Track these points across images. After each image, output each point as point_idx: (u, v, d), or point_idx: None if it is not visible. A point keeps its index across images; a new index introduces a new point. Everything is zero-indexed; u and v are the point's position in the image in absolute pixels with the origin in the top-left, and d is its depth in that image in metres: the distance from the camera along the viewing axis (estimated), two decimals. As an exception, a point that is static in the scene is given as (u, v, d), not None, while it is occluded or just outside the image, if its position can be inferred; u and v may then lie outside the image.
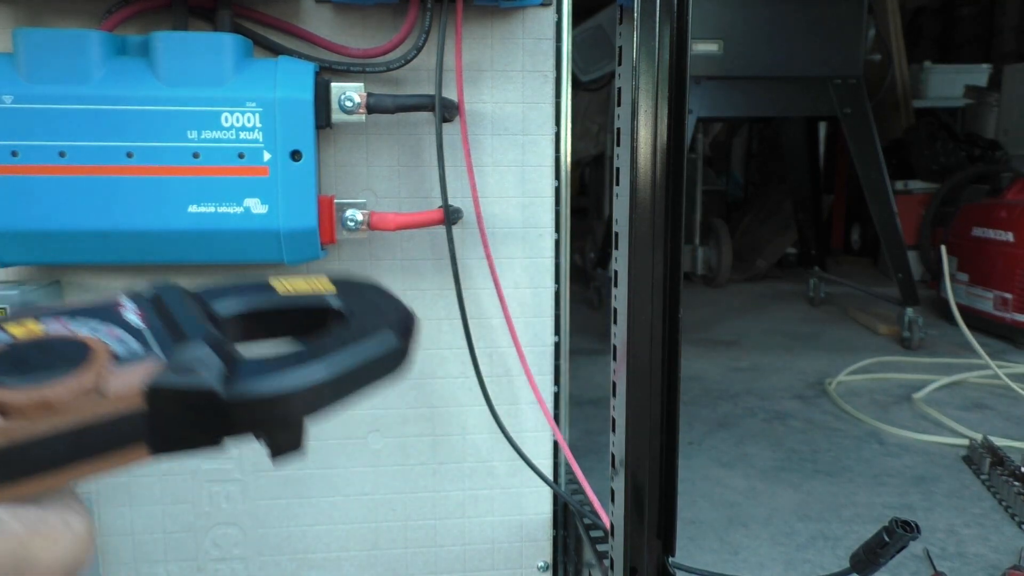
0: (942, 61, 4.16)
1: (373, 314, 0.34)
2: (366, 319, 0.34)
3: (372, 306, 0.35)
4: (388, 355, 0.32)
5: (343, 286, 0.37)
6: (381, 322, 0.33)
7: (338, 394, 0.31)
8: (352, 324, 0.33)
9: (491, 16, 0.90)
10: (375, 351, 0.32)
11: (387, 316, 0.34)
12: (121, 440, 0.27)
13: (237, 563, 0.96)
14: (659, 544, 0.66)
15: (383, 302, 0.36)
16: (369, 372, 0.32)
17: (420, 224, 0.87)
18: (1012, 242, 2.43)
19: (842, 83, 2.36)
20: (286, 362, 0.29)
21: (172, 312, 0.32)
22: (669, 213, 0.61)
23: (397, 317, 0.34)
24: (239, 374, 0.29)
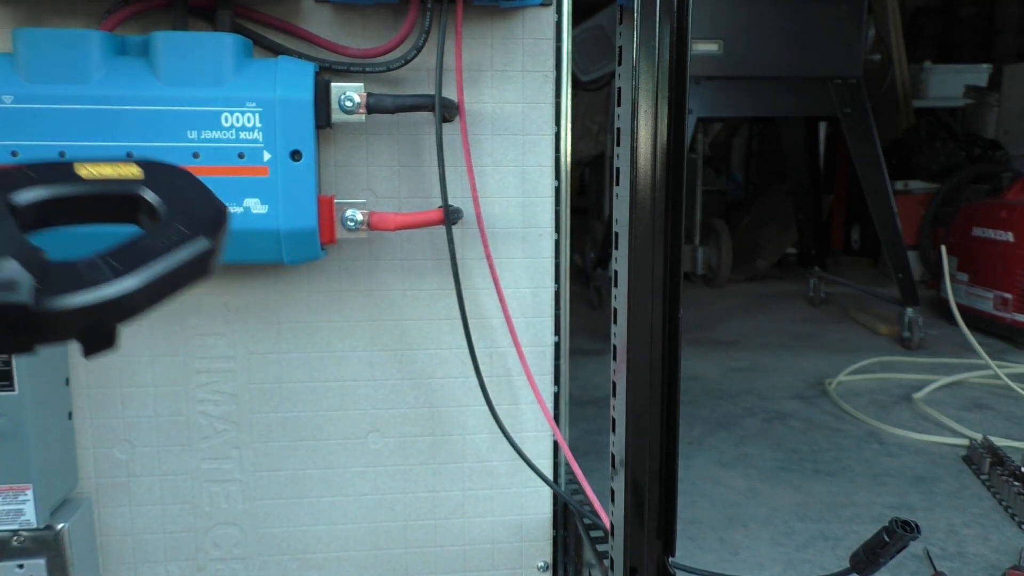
0: (942, 61, 4.16)
1: (184, 212, 0.34)
2: (177, 217, 0.33)
3: (183, 203, 0.35)
4: (200, 259, 0.32)
5: (152, 173, 0.36)
6: (193, 222, 0.33)
7: (151, 300, 0.31)
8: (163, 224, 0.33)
9: (491, 16, 0.90)
10: (187, 256, 0.32)
11: (199, 215, 0.34)
12: None
13: (237, 563, 0.96)
14: (659, 544, 0.66)
15: (195, 196, 0.35)
16: (181, 276, 0.32)
17: (420, 224, 0.87)
18: (1012, 242, 2.43)
19: (842, 83, 2.36)
20: (97, 271, 0.30)
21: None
22: (669, 213, 0.61)
23: (209, 215, 0.34)
24: (50, 286, 0.29)
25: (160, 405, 0.92)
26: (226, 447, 0.94)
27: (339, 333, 0.94)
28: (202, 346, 0.91)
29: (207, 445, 0.93)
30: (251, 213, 0.79)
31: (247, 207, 0.79)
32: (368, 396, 0.95)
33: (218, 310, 0.91)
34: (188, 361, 0.91)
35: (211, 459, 0.94)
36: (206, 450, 0.93)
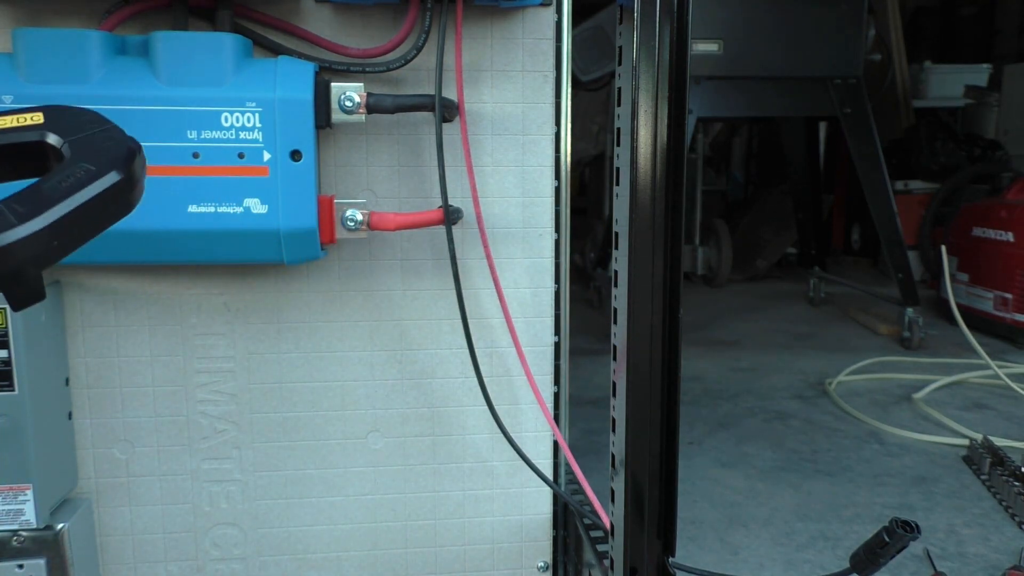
0: (942, 61, 4.16)
1: (91, 151, 0.33)
2: (84, 156, 0.32)
3: (89, 141, 0.33)
4: (111, 193, 0.31)
5: (54, 116, 0.35)
6: (101, 159, 0.32)
7: (63, 241, 0.29)
8: (68, 164, 0.32)
9: (491, 16, 0.90)
10: (96, 191, 0.30)
11: (107, 151, 0.32)
12: None
13: (237, 563, 0.96)
14: (659, 544, 0.66)
15: (102, 135, 0.34)
16: (93, 213, 0.30)
17: (420, 224, 0.87)
18: (1012, 242, 2.43)
19: (842, 83, 2.36)
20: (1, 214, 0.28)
21: None
22: (669, 213, 0.61)
23: (118, 151, 0.33)
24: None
25: (160, 405, 0.92)
26: (226, 447, 0.94)
27: (339, 333, 0.94)
28: (202, 346, 0.91)
29: (207, 445, 0.93)
30: (251, 213, 0.79)
31: (247, 207, 0.79)
32: (368, 396, 0.95)
33: (218, 310, 0.91)
34: (188, 361, 0.91)
35: (211, 459, 0.94)
36: (206, 450, 0.93)
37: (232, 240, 0.80)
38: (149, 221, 0.78)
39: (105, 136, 0.34)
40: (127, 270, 0.89)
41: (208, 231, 0.79)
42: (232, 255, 0.82)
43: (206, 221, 0.79)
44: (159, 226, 0.78)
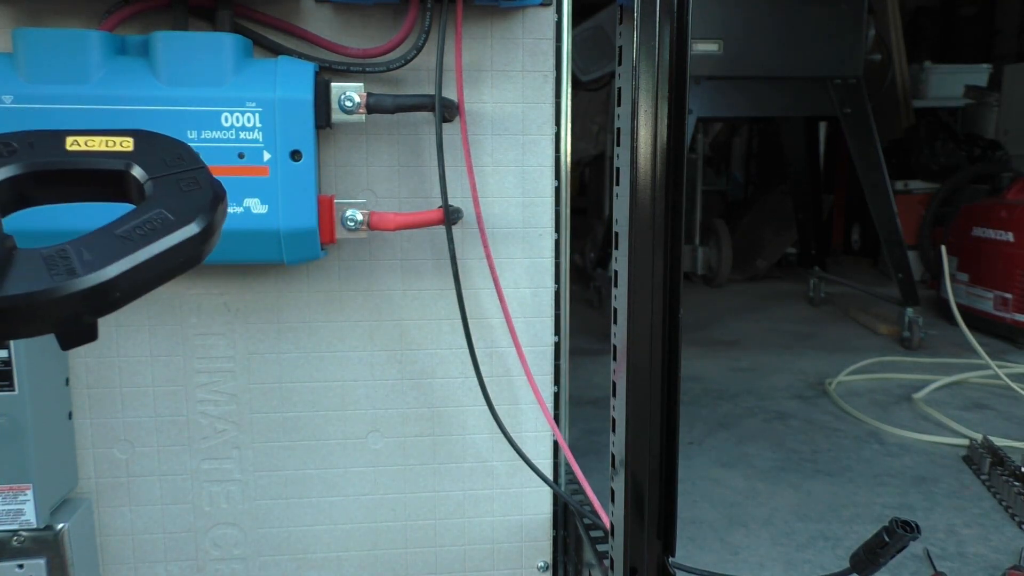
0: (942, 61, 4.16)
1: (173, 193, 0.31)
2: (165, 200, 0.30)
3: (174, 183, 0.32)
4: (185, 247, 0.30)
5: (144, 145, 0.33)
6: (182, 205, 0.30)
7: (126, 292, 0.28)
8: (147, 206, 0.30)
9: (491, 16, 0.90)
10: (169, 244, 0.29)
11: (190, 196, 0.31)
12: None
13: (237, 563, 0.96)
14: (659, 544, 0.66)
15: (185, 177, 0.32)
16: (162, 266, 0.29)
17: (420, 224, 0.87)
18: (1012, 242, 2.43)
19: (842, 83, 2.36)
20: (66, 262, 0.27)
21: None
22: (669, 213, 0.61)
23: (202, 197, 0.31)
24: (9, 275, 0.27)
25: (160, 405, 0.92)
26: (226, 447, 0.94)
27: (339, 333, 0.94)
28: (202, 346, 0.91)
29: (207, 445, 0.93)
30: (251, 213, 0.79)
31: (247, 207, 0.79)
32: (368, 396, 0.95)
33: (218, 310, 0.91)
34: (188, 361, 0.91)
35: (211, 459, 0.94)
36: (206, 450, 0.93)
37: (232, 240, 0.80)
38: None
39: (190, 180, 0.32)
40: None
41: (208, 231, 0.79)
42: (232, 255, 0.82)
43: (206, 221, 0.79)
44: (159, 226, 0.78)
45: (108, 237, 0.28)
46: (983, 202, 2.76)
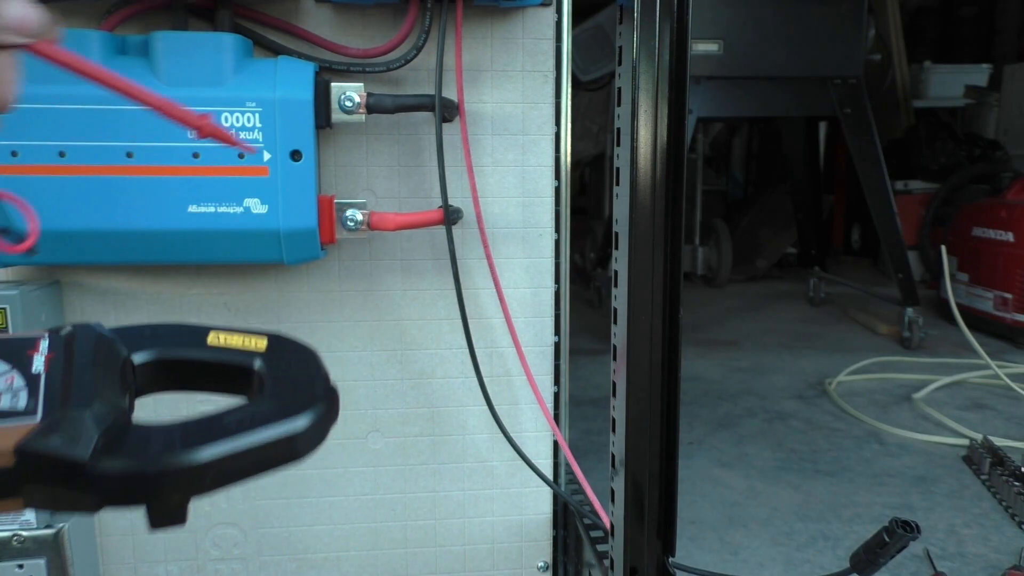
0: (942, 61, 4.16)
1: (287, 391, 0.33)
2: (277, 396, 0.32)
3: (290, 381, 0.34)
4: (284, 442, 0.31)
5: (274, 348, 0.35)
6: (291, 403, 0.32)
7: (220, 477, 0.30)
8: (259, 401, 0.32)
9: (491, 16, 0.90)
10: (267, 438, 0.31)
11: (301, 395, 0.33)
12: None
13: (237, 563, 0.96)
14: (659, 544, 0.66)
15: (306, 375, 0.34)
16: (259, 457, 0.31)
17: (420, 224, 0.87)
18: (1012, 242, 2.43)
19: (842, 83, 2.36)
20: (171, 440, 0.29)
21: (76, 364, 0.31)
22: (669, 213, 0.61)
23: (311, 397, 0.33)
24: (116, 449, 0.29)
25: (160, 405, 0.91)
26: (226, 447, 0.94)
27: (339, 333, 0.94)
28: (202, 346, 0.91)
29: (207, 445, 0.93)
30: (251, 213, 0.79)
31: (247, 207, 0.79)
32: (368, 396, 0.95)
33: (218, 310, 0.91)
34: (188, 361, 0.91)
35: (211, 459, 0.94)
36: (206, 450, 0.93)
37: (232, 240, 0.80)
38: (149, 221, 0.78)
39: (307, 382, 0.34)
40: (127, 270, 0.89)
41: (208, 231, 0.79)
42: (232, 255, 0.82)
43: (206, 221, 0.79)
44: (159, 226, 0.78)
45: (215, 423, 0.30)
46: (983, 202, 2.76)
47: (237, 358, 0.35)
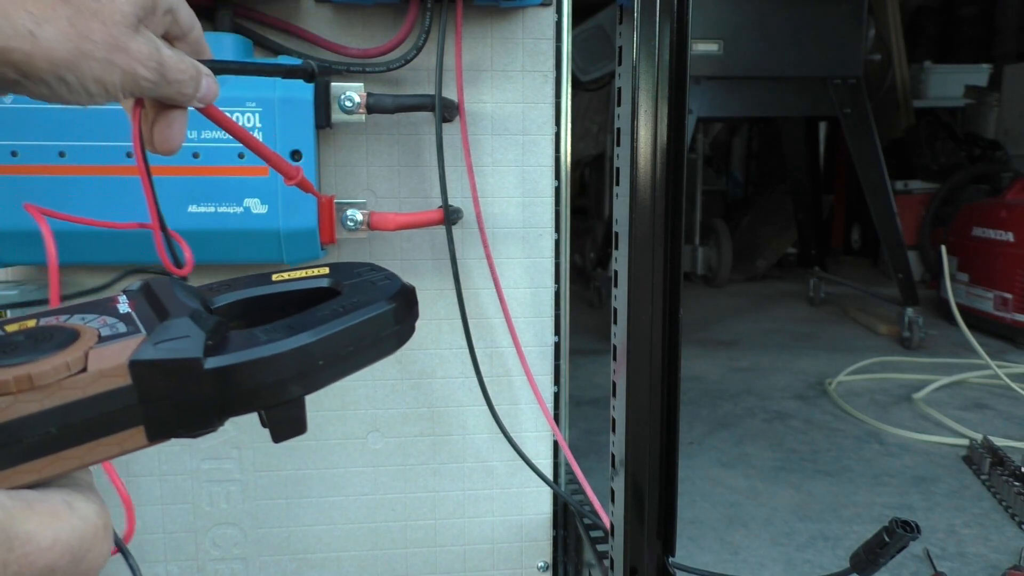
0: (942, 61, 4.16)
1: (367, 288, 0.34)
2: (359, 292, 0.34)
3: (366, 282, 0.35)
4: (379, 320, 0.32)
5: (337, 269, 0.37)
6: (374, 293, 0.33)
7: (330, 361, 0.30)
8: (344, 298, 0.33)
9: (491, 16, 0.90)
10: (364, 316, 0.31)
11: (381, 289, 0.34)
12: (115, 422, 0.27)
13: (237, 563, 0.96)
14: (659, 544, 0.66)
15: (377, 278, 0.36)
16: (361, 338, 0.31)
17: (420, 224, 0.87)
18: (1012, 242, 2.43)
19: (842, 83, 2.36)
20: (275, 331, 0.29)
21: (161, 299, 0.32)
22: (669, 213, 0.61)
23: (392, 289, 0.34)
24: (225, 346, 0.28)
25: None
26: (226, 447, 0.94)
27: (339, 333, 0.93)
28: (202, 346, 0.91)
29: (207, 445, 0.93)
30: (251, 213, 0.79)
31: (247, 207, 0.79)
32: (368, 396, 0.95)
33: (218, 310, 0.91)
34: (188, 361, 0.91)
35: (211, 459, 0.94)
36: (206, 450, 0.93)
37: (232, 240, 0.80)
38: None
39: (383, 278, 0.36)
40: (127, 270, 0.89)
41: (208, 231, 0.79)
42: (232, 255, 0.82)
43: (206, 221, 0.79)
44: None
45: (309, 316, 0.31)
46: (983, 202, 2.76)
47: (308, 284, 0.37)
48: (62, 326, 0.29)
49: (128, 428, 0.27)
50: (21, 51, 0.35)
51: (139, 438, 0.28)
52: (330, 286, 0.36)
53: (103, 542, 0.26)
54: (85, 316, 0.30)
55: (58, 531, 0.25)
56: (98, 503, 0.27)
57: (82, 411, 0.26)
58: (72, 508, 0.26)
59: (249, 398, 0.29)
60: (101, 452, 0.27)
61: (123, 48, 0.38)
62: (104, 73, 0.38)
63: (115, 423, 0.27)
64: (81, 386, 0.26)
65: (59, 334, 0.28)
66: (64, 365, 0.26)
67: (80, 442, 0.26)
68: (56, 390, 0.26)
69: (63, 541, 0.25)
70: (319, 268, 0.38)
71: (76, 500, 0.26)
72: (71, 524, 0.25)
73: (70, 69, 0.36)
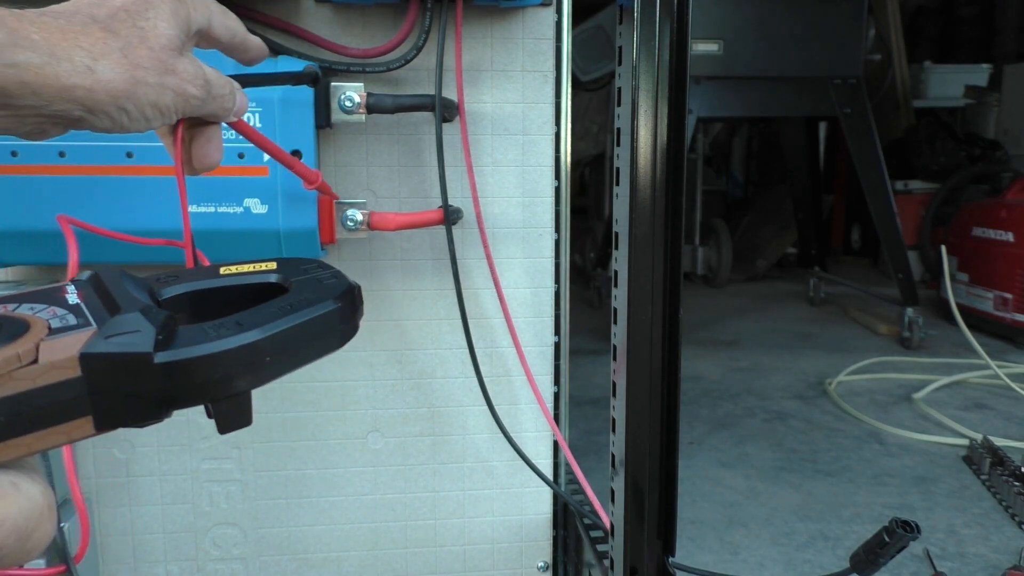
0: (942, 61, 4.16)
1: (314, 286, 0.36)
2: (306, 291, 0.35)
3: (313, 280, 0.36)
4: (325, 319, 0.33)
5: (285, 264, 0.39)
6: (320, 292, 0.34)
7: (276, 357, 0.31)
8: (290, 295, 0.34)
9: (491, 16, 0.90)
10: (310, 315, 0.32)
11: (327, 287, 0.35)
12: (63, 412, 0.27)
13: (237, 563, 0.96)
14: (659, 544, 0.66)
15: (324, 276, 0.37)
16: (307, 335, 0.32)
17: (420, 224, 0.87)
18: (1012, 242, 2.43)
19: (842, 83, 2.36)
20: (223, 327, 0.30)
21: (111, 290, 0.32)
22: (669, 213, 0.61)
23: (338, 288, 0.35)
24: (175, 340, 0.29)
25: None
26: (226, 447, 0.94)
27: (339, 333, 0.93)
28: (202, 346, 0.91)
29: (207, 445, 0.93)
30: (251, 213, 0.79)
31: (247, 207, 0.79)
32: (368, 396, 0.95)
33: (218, 310, 0.91)
34: (188, 361, 0.91)
35: (211, 459, 0.94)
36: (206, 450, 0.93)
37: (232, 240, 0.80)
38: (149, 221, 0.78)
39: (330, 277, 0.37)
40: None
41: (208, 231, 0.79)
42: (232, 255, 0.81)
43: (206, 221, 0.79)
44: (159, 226, 0.78)
45: (256, 313, 0.32)
46: (983, 202, 2.76)
47: (255, 279, 0.38)
48: (11, 316, 0.29)
49: (76, 418, 0.28)
50: (83, 87, 0.36)
51: (87, 428, 0.28)
52: (277, 282, 0.37)
53: (48, 521, 0.27)
54: (34, 306, 0.30)
55: (5, 511, 0.25)
56: (43, 483, 0.27)
57: (31, 401, 0.26)
58: (18, 489, 0.26)
59: (197, 392, 0.29)
60: (49, 440, 0.27)
61: (172, 70, 0.41)
62: (158, 97, 0.40)
63: (64, 413, 0.27)
64: (31, 377, 0.26)
65: (9, 324, 0.28)
66: (15, 356, 0.26)
67: (29, 431, 0.27)
68: (6, 380, 0.26)
69: (10, 520, 0.25)
70: (267, 263, 0.39)
71: (22, 481, 0.26)
72: (18, 504, 0.26)
73: (128, 98, 0.38)
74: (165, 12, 0.41)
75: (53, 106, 0.36)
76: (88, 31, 0.37)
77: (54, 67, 0.35)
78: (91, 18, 0.38)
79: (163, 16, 0.41)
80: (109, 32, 0.38)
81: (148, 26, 0.40)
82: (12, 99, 0.35)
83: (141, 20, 0.40)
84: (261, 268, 0.38)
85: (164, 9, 0.41)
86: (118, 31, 0.39)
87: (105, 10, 0.39)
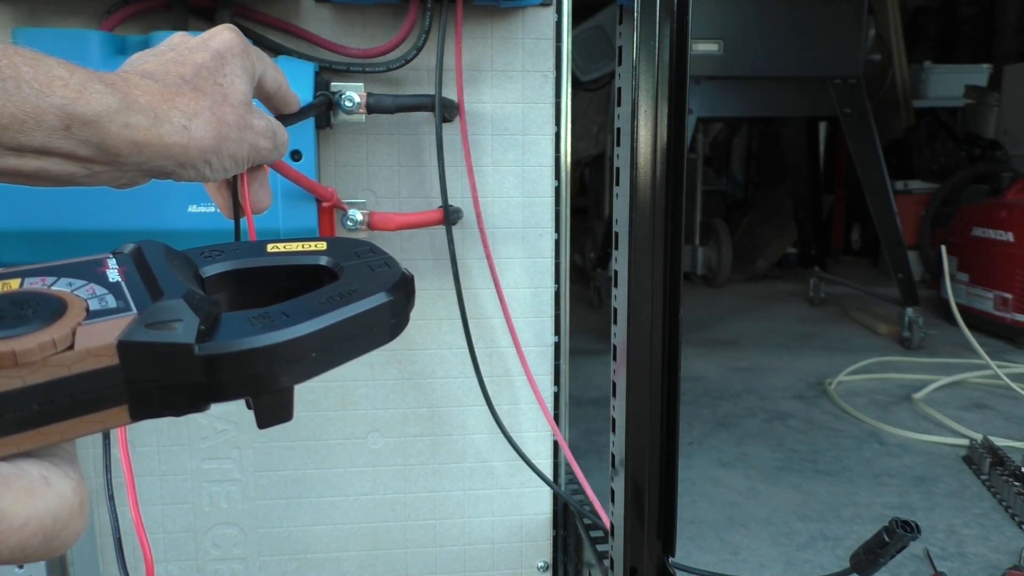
0: (942, 61, 4.16)
1: (365, 274, 0.34)
2: (357, 279, 0.33)
3: (364, 266, 0.35)
4: (376, 313, 0.31)
5: (335, 245, 0.37)
6: (372, 282, 0.33)
7: (324, 352, 0.30)
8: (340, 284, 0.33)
9: (491, 16, 0.90)
10: (361, 308, 0.31)
11: (379, 276, 0.34)
12: (98, 400, 0.26)
13: (237, 563, 0.96)
14: (659, 544, 0.66)
15: (376, 262, 0.35)
16: (356, 330, 0.31)
17: (420, 224, 0.87)
18: (1012, 242, 2.43)
19: (842, 83, 2.36)
20: (269, 318, 0.29)
21: (153, 269, 0.31)
22: (669, 213, 0.61)
23: (390, 277, 0.33)
24: (217, 330, 0.28)
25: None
26: (226, 447, 0.94)
27: (339, 333, 0.93)
28: (202, 346, 0.91)
29: (207, 445, 0.93)
30: (251, 213, 0.79)
31: (247, 207, 0.79)
32: (368, 396, 0.95)
33: (218, 310, 0.91)
34: (188, 361, 0.91)
35: (211, 459, 0.94)
36: (206, 450, 0.93)
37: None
38: (149, 221, 0.78)
39: (380, 263, 0.36)
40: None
41: (208, 231, 0.79)
42: (232, 255, 0.82)
43: (206, 221, 0.79)
44: (159, 226, 0.78)
45: (304, 304, 0.30)
46: (983, 202, 2.76)
47: (303, 259, 0.36)
48: (48, 293, 0.28)
49: (111, 407, 0.27)
50: (180, 145, 0.39)
51: (122, 416, 0.27)
52: (327, 266, 0.36)
53: (78, 520, 0.26)
54: (72, 282, 0.29)
55: (33, 509, 0.24)
56: (76, 478, 0.26)
57: (66, 389, 0.25)
58: (49, 484, 0.25)
59: (238, 386, 0.28)
60: (82, 428, 0.26)
61: (249, 126, 0.44)
62: (237, 150, 0.43)
63: (99, 401, 0.26)
64: (67, 364, 0.25)
65: (44, 304, 0.27)
66: (51, 342, 0.25)
67: (62, 418, 0.26)
68: (41, 366, 0.25)
69: (37, 519, 0.24)
70: (316, 243, 0.37)
71: (53, 475, 0.25)
72: (47, 502, 0.25)
73: (215, 153, 0.41)
74: (238, 68, 0.44)
75: (153, 162, 0.39)
76: (182, 92, 0.40)
77: (157, 128, 0.38)
78: (181, 78, 0.41)
79: (237, 72, 0.44)
80: (198, 92, 0.41)
81: (227, 83, 0.43)
82: (120, 157, 0.38)
83: (220, 77, 0.43)
84: (310, 248, 0.37)
85: (237, 65, 0.44)
86: (204, 89, 0.41)
87: (189, 68, 0.42)
